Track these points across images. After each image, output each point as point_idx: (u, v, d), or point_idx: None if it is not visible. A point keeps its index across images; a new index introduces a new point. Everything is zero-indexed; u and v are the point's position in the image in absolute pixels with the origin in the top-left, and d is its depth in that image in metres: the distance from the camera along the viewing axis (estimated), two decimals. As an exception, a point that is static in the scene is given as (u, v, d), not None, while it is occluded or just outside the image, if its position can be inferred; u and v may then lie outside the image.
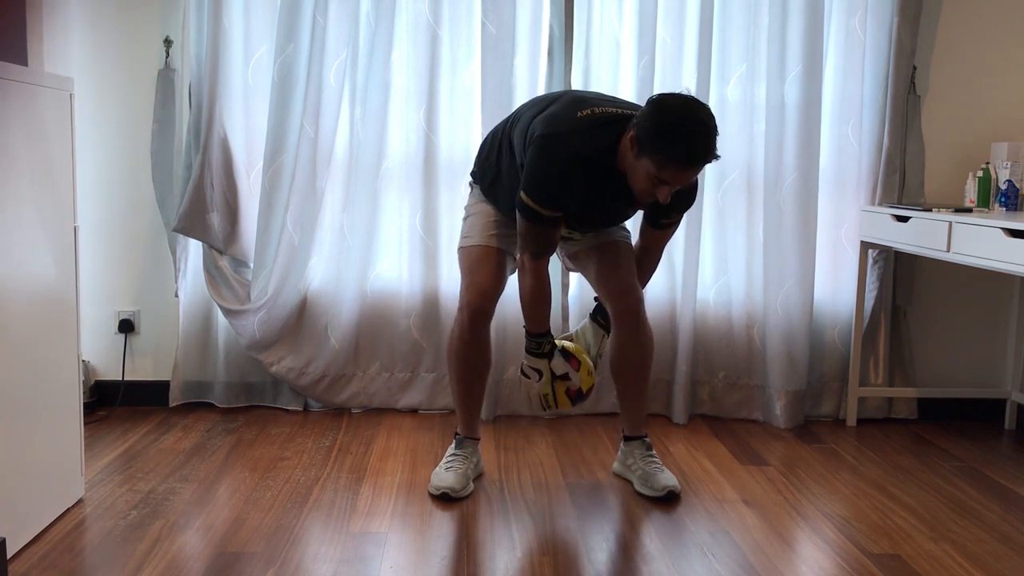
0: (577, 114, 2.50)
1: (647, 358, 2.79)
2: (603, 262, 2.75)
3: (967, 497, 2.84)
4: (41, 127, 2.36)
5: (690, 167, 2.36)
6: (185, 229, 3.40)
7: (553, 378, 2.66)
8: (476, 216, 2.77)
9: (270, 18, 3.43)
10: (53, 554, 2.31)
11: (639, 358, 2.77)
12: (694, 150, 2.33)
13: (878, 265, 3.57)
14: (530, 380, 2.68)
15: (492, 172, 2.72)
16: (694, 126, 2.32)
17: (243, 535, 2.44)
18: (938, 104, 3.60)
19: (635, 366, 2.78)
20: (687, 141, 2.32)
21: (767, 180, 3.50)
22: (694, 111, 2.35)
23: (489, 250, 2.72)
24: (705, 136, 2.33)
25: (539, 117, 2.54)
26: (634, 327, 2.72)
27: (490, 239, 2.72)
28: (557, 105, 2.56)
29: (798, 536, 2.52)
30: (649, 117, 2.36)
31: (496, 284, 2.72)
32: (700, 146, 2.33)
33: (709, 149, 2.34)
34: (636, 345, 2.75)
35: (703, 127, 2.33)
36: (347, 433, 3.36)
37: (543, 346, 2.65)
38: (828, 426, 3.58)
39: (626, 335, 2.74)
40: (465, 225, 2.80)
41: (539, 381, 2.67)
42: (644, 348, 2.77)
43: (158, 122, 3.44)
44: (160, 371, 3.63)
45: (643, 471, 2.81)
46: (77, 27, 3.44)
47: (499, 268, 2.73)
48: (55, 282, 2.45)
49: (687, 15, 3.46)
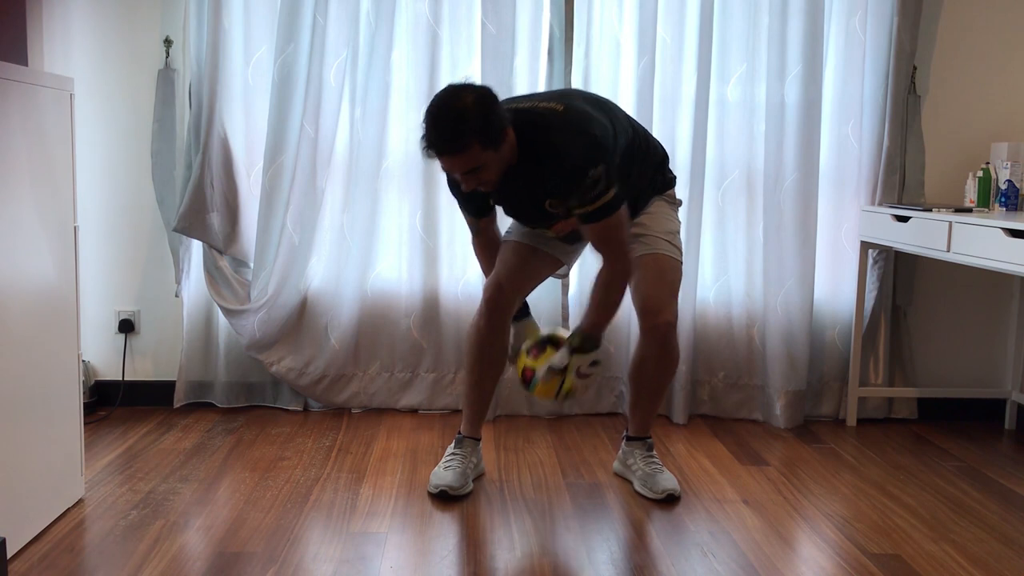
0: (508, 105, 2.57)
1: (669, 375, 2.78)
2: (643, 275, 2.68)
3: (967, 497, 2.84)
4: (41, 127, 2.36)
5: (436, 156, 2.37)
6: (185, 229, 3.40)
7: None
8: None
9: (270, 18, 3.44)
10: (53, 554, 2.31)
11: (660, 374, 2.76)
12: (425, 139, 2.36)
13: (878, 265, 3.57)
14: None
15: None
16: (426, 115, 2.36)
17: (243, 535, 2.44)
18: (938, 104, 3.60)
19: (655, 380, 2.78)
20: (425, 131, 2.36)
21: (767, 180, 3.50)
22: (434, 100, 2.38)
23: (520, 245, 2.74)
24: (429, 123, 2.35)
25: None
26: (661, 346, 2.69)
27: (523, 236, 2.75)
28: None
29: (798, 536, 2.52)
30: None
31: (517, 278, 2.71)
32: (427, 134, 2.36)
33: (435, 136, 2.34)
34: (660, 363, 2.73)
35: (430, 115, 2.36)
36: (347, 433, 3.36)
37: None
38: (828, 426, 3.58)
39: (651, 352, 2.71)
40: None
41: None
42: (668, 367, 2.75)
43: (158, 122, 3.44)
44: (160, 371, 3.63)
45: (644, 472, 2.81)
46: (77, 27, 3.44)
47: (526, 263, 2.73)
48: (55, 282, 2.45)
49: (687, 15, 3.46)
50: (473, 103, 2.33)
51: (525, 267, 2.74)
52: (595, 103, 2.58)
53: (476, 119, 2.31)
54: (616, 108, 2.67)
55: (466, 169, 2.37)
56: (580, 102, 2.54)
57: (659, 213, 2.73)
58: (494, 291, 2.70)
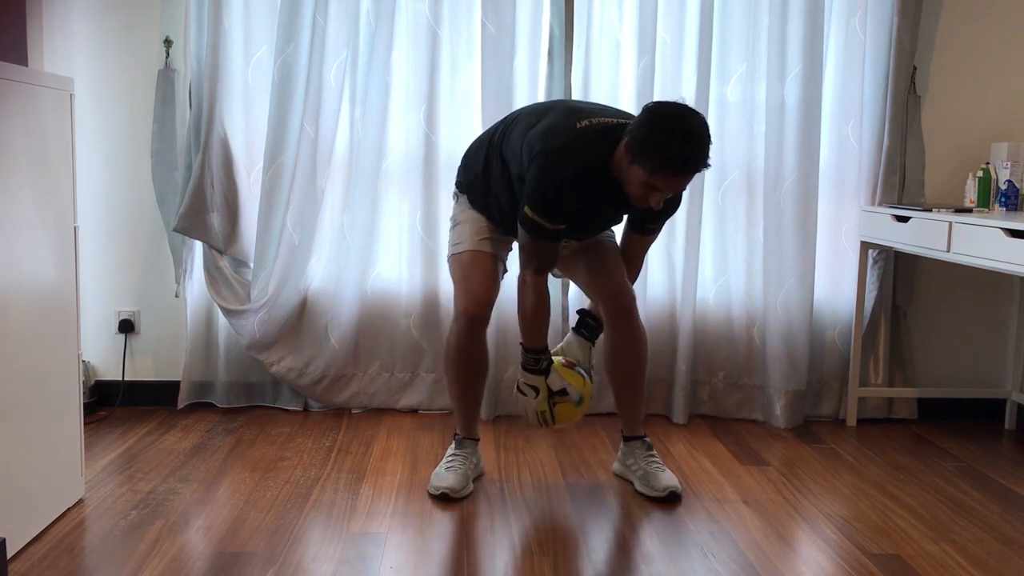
0: (576, 125, 2.50)
1: (642, 358, 2.78)
2: (592, 263, 2.74)
3: (967, 497, 2.84)
4: (41, 127, 2.36)
5: (679, 174, 2.36)
6: (185, 229, 3.40)
7: (550, 394, 2.64)
8: (465, 223, 2.75)
9: (270, 18, 3.43)
10: (53, 554, 2.31)
11: (634, 359, 2.77)
12: (683, 157, 2.33)
13: (878, 265, 3.57)
14: (527, 397, 2.66)
15: (480, 183, 2.71)
16: (685, 133, 2.33)
17: (243, 535, 2.44)
18: (938, 104, 3.60)
19: (631, 367, 2.78)
20: (677, 148, 2.32)
21: (767, 180, 3.50)
22: (686, 119, 2.36)
23: (482, 255, 2.70)
24: (695, 143, 2.33)
25: (536, 130, 2.52)
26: (628, 327, 2.71)
27: (482, 244, 2.71)
28: (553, 117, 2.55)
29: (798, 536, 2.52)
30: (643, 124, 2.37)
31: (490, 289, 2.71)
32: (689, 153, 2.33)
33: (699, 157, 2.34)
34: (631, 345, 2.75)
35: (694, 135, 2.34)
36: (347, 433, 3.36)
37: (540, 362, 2.64)
38: (828, 426, 3.58)
39: (620, 336, 2.73)
40: (454, 233, 2.78)
41: (536, 398, 2.65)
42: (639, 348, 2.76)
43: (158, 122, 3.44)
44: (160, 371, 3.63)
45: (644, 471, 2.81)
46: (77, 27, 3.44)
47: (493, 273, 2.72)
48: (55, 282, 2.45)
49: (687, 15, 3.46)
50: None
51: (493, 276, 2.73)
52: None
53: None
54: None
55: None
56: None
57: None
58: (474, 306, 2.67)
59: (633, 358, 2.77)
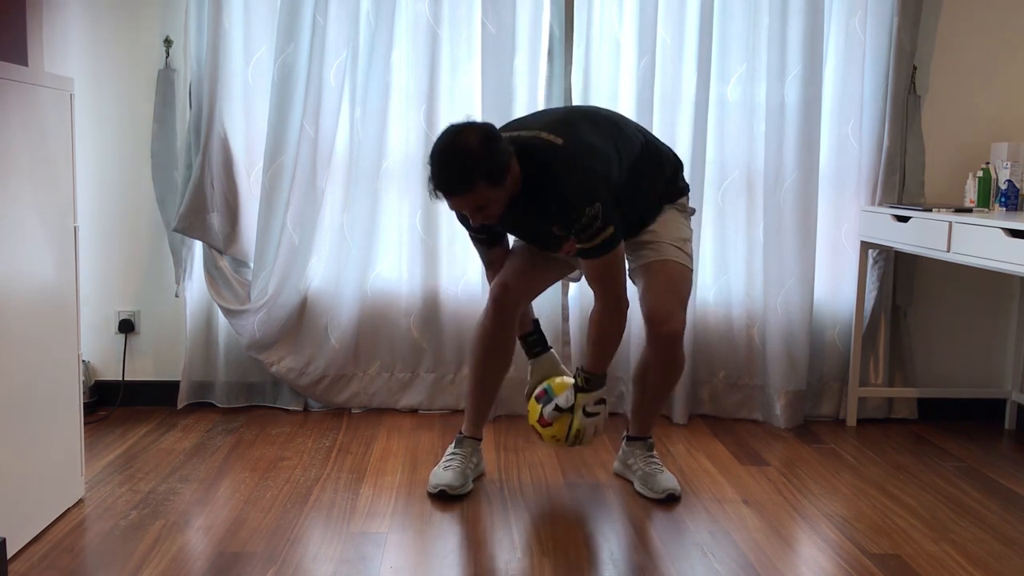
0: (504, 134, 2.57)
1: (672, 382, 2.77)
2: (651, 281, 2.67)
3: (967, 497, 2.84)
4: (41, 127, 2.36)
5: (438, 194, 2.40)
6: (185, 229, 3.40)
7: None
8: None
9: (270, 18, 3.43)
10: (53, 554, 2.31)
11: (666, 380, 2.75)
12: (432, 178, 2.39)
13: (878, 265, 3.57)
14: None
15: None
16: (432, 156, 2.39)
17: (243, 535, 2.44)
18: (938, 104, 3.60)
19: (660, 388, 2.77)
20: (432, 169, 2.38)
21: (767, 180, 3.50)
22: (440, 141, 2.40)
23: (528, 248, 2.76)
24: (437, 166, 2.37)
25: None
26: (668, 354, 2.67)
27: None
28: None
29: (798, 536, 2.52)
30: None
31: (522, 279, 2.72)
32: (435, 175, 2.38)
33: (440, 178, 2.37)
34: (664, 371, 2.72)
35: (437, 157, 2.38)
36: (347, 433, 3.36)
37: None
38: (828, 426, 3.58)
39: (659, 360, 2.70)
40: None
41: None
42: (672, 374, 2.74)
43: (158, 122, 3.44)
44: (160, 371, 3.63)
45: (644, 472, 2.81)
46: (77, 27, 3.44)
47: (533, 267, 2.74)
48: (55, 282, 2.45)
49: (687, 15, 3.46)
50: (477, 143, 2.35)
51: (532, 269, 2.74)
52: (599, 126, 2.56)
53: (481, 159, 2.34)
54: (624, 123, 2.65)
55: (474, 208, 2.40)
56: (584, 130, 2.52)
57: (670, 220, 2.72)
58: (500, 291, 2.70)
59: (665, 381, 2.75)
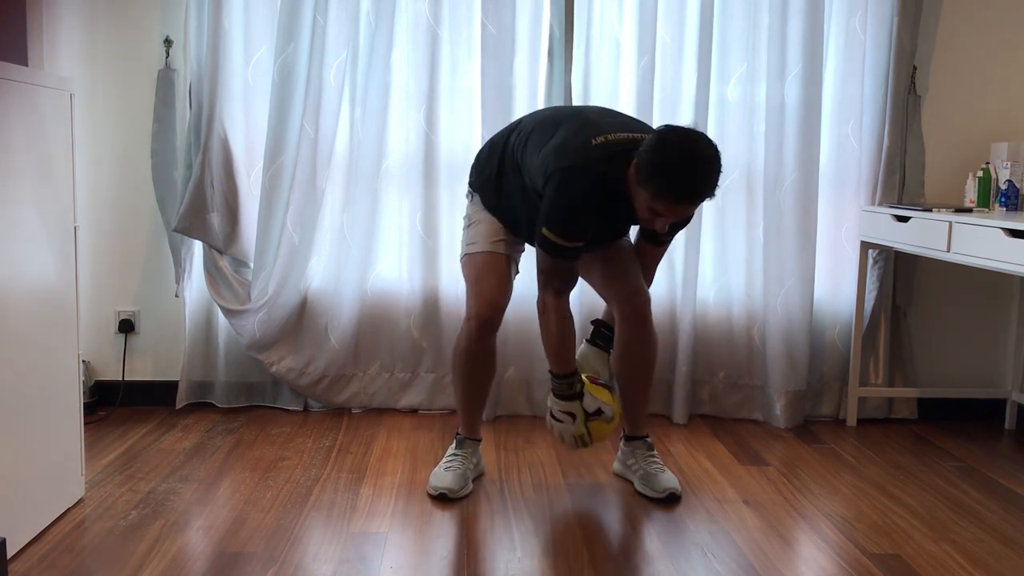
0: (591, 141, 2.47)
1: (652, 360, 2.78)
2: (608, 265, 2.73)
3: (967, 497, 2.84)
4: (41, 127, 2.36)
5: (680, 202, 2.34)
6: (185, 229, 3.40)
7: (586, 416, 2.62)
8: (480, 224, 2.72)
9: (270, 18, 3.44)
10: (53, 554, 2.31)
11: (644, 360, 2.77)
12: (684, 186, 2.31)
13: (878, 265, 3.57)
14: (563, 424, 2.63)
15: (493, 186, 2.69)
16: (690, 163, 2.30)
17: (243, 535, 2.44)
18: (938, 104, 3.60)
19: (640, 369, 2.78)
20: (680, 177, 2.30)
21: (767, 180, 3.50)
22: (694, 147, 2.32)
23: (496, 257, 2.69)
24: (698, 174, 2.31)
25: (551, 145, 2.50)
26: (640, 329, 2.71)
27: (496, 245, 2.69)
28: (567, 132, 2.52)
29: (798, 536, 2.52)
30: (652, 148, 2.34)
31: (504, 293, 2.69)
32: (693, 184, 2.31)
33: (702, 187, 2.32)
34: (642, 347, 2.74)
35: (699, 164, 2.31)
36: (347, 433, 3.36)
37: (574, 386, 2.61)
38: (828, 426, 3.58)
39: (632, 338, 2.73)
40: (468, 233, 2.75)
41: (573, 423, 2.62)
42: (650, 350, 2.76)
43: (158, 122, 3.44)
44: (160, 371, 3.63)
45: (644, 471, 2.80)
46: (77, 27, 3.44)
47: (506, 276, 2.71)
48: (55, 282, 2.45)
49: (687, 15, 3.46)
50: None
51: (506, 279, 2.71)
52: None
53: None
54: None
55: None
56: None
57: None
58: (486, 308, 2.65)
59: (643, 361, 2.76)
